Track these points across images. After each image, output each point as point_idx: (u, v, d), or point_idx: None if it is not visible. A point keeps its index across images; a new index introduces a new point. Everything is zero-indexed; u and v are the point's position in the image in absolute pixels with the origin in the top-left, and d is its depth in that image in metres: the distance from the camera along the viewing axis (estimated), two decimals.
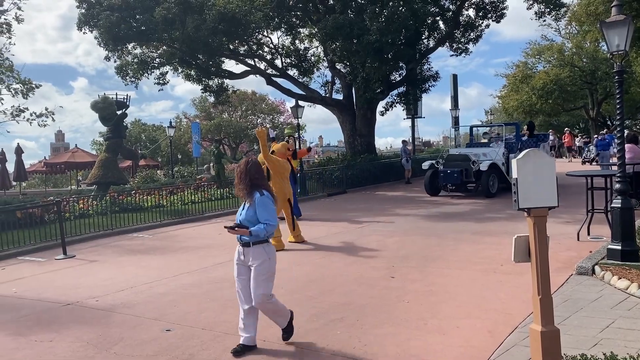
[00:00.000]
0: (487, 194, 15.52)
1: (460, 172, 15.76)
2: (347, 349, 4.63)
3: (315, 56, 26.29)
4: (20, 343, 5.27)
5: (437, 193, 16.86)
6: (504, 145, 16.55)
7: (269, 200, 4.62)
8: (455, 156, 16.72)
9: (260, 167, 4.81)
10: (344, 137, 25.62)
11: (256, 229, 4.48)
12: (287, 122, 50.52)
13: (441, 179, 16.32)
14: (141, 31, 19.47)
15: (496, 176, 15.86)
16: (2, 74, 16.64)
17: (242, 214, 4.67)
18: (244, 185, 4.65)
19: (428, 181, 16.77)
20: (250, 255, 4.59)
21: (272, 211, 4.61)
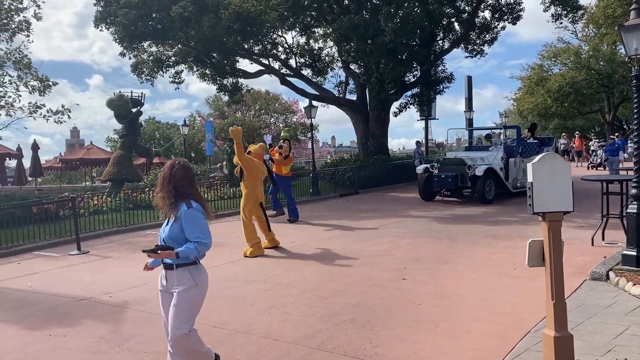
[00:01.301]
0: (482, 200, 14.78)
1: (455, 177, 15.10)
2: (357, 349, 4.63)
3: (329, 56, 26.30)
4: (35, 337, 5.34)
5: (432, 198, 16.20)
6: (503, 149, 15.90)
7: (198, 212, 3.70)
8: (450, 160, 16.07)
9: (189, 171, 3.86)
10: (357, 138, 25.60)
11: (184, 250, 3.62)
12: (301, 121, 50.61)
13: (435, 183, 15.66)
14: (157, 29, 19.61)
15: (493, 181, 15.15)
16: (21, 71, 16.85)
17: (165, 230, 3.77)
18: (167, 193, 3.72)
19: (422, 186, 16.11)
20: (174, 279, 3.75)
21: (203, 226, 3.71)
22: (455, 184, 15.14)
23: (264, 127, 49.90)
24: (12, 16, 16.86)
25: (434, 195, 16.20)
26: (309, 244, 9.89)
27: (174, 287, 3.76)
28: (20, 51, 17.00)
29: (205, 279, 3.87)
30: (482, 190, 14.81)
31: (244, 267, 8.14)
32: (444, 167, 15.71)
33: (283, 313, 5.71)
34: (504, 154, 15.76)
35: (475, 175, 14.83)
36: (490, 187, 15.09)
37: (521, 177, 16.07)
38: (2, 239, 10.61)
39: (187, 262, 3.73)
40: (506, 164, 15.76)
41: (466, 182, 15.11)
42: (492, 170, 15.11)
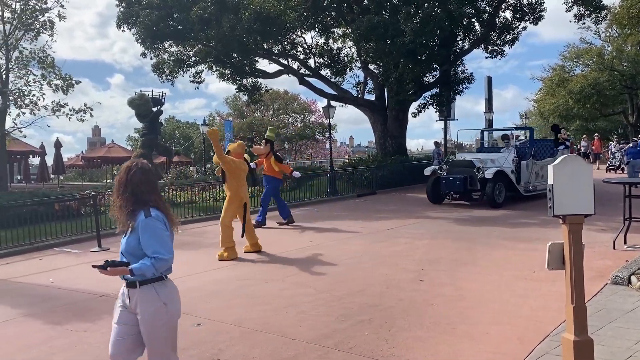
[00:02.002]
0: (492, 204, 14.28)
1: (463, 180, 14.58)
2: (374, 350, 4.63)
3: (348, 56, 26.28)
4: (57, 331, 5.44)
5: (440, 201, 15.69)
6: (514, 151, 15.39)
7: (157, 223, 3.16)
8: (458, 162, 15.57)
9: (149, 175, 3.33)
10: (375, 138, 25.54)
11: (139, 266, 3.08)
12: (319, 121, 50.63)
13: (443, 186, 15.17)
14: (178, 30, 19.81)
15: (503, 184, 14.66)
16: (44, 70, 17.14)
17: (123, 242, 3.26)
18: (124, 201, 3.21)
19: (430, 188, 15.64)
20: (137, 299, 3.17)
21: (163, 239, 3.15)
22: (464, 186, 14.68)
23: (282, 127, 50.06)
24: (36, 16, 17.16)
25: (442, 198, 15.78)
26: (326, 244, 9.91)
27: (138, 308, 3.17)
28: (44, 50, 17.29)
29: (175, 296, 3.28)
30: (492, 194, 14.32)
31: (261, 266, 8.19)
32: (452, 169, 15.26)
33: (300, 312, 5.73)
34: (515, 156, 15.34)
35: (485, 178, 14.34)
36: (501, 190, 14.62)
37: (534, 180, 15.67)
38: (25, 235, 10.82)
39: (152, 278, 3.15)
40: (518, 167, 15.33)
41: (475, 184, 14.65)
42: (502, 172, 14.63)
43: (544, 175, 16.09)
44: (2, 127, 16.73)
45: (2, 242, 10.50)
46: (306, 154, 58.40)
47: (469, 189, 14.84)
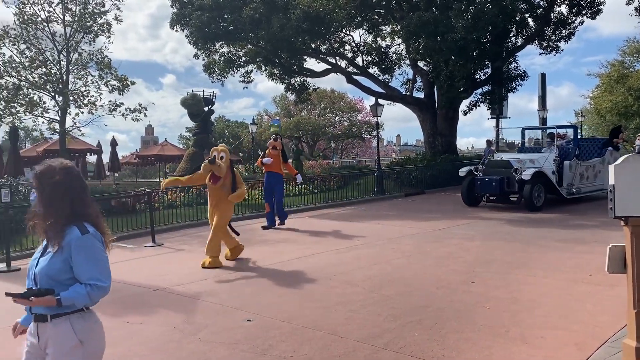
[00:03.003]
0: (530, 207, 13.55)
1: (499, 181, 13.81)
2: (425, 351, 4.58)
3: (396, 54, 26.10)
4: (114, 323, 5.63)
5: (475, 204, 14.94)
6: (556, 150, 14.55)
7: (97, 242, 2.58)
8: (495, 162, 14.82)
9: (85, 185, 2.72)
10: (424, 137, 25.24)
11: (71, 295, 2.46)
12: (365, 120, 50.44)
13: (478, 187, 14.44)
14: (229, 31, 20.19)
15: (542, 186, 13.86)
16: (102, 71, 17.82)
17: (40, 264, 2.56)
18: (59, 211, 2.54)
19: (465, 190, 14.91)
20: (48, 336, 2.53)
21: (103, 262, 2.59)
22: (500, 188, 13.90)
23: (328, 125, 50.18)
24: (95, 19, 17.86)
25: (477, 200, 15.05)
26: (375, 244, 9.87)
27: (48, 348, 2.53)
28: (101, 52, 17.98)
29: (96, 333, 2.64)
30: (530, 196, 13.53)
31: (311, 264, 8.23)
32: (488, 169, 14.56)
33: (349, 311, 5.73)
34: (557, 156, 14.50)
35: (522, 179, 13.60)
36: (540, 192, 13.82)
37: (578, 182, 14.83)
38: None
39: (67, 310, 2.49)
40: (560, 167, 14.48)
41: (512, 186, 13.86)
42: (541, 173, 13.85)
43: (590, 176, 15.37)
44: (63, 126, 17.50)
45: None
46: (352, 153, 58.32)
47: (506, 190, 14.08)
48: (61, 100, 17.14)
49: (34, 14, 17.19)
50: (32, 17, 17.14)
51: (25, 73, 16.91)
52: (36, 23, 17.19)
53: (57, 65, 17.38)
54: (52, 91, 17.14)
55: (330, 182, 18.77)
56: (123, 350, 4.80)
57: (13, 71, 16.70)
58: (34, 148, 32.01)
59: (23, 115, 17.09)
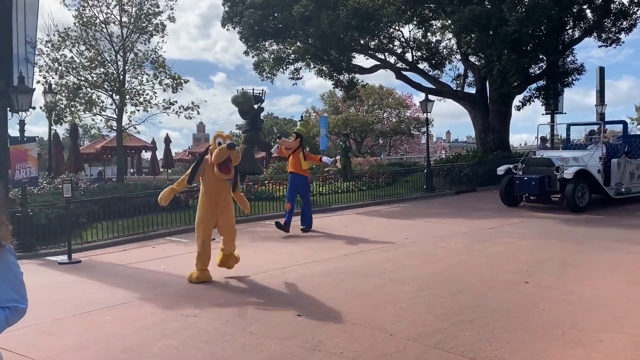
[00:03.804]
0: (572, 208, 12.85)
1: (539, 180, 13.16)
2: (476, 351, 4.51)
3: (447, 49, 25.64)
4: (168, 315, 5.81)
5: (515, 204, 14.30)
6: (602, 148, 13.74)
7: (12, 259, 2.29)
8: (536, 160, 14.24)
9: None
10: (475, 133, 24.73)
11: None
12: (414, 116, 49.85)
13: (517, 186, 13.80)
14: (278, 28, 20.38)
15: (587, 186, 13.16)
16: (156, 70, 18.35)
17: None
18: None
19: (504, 189, 14.27)
20: None
21: (20, 280, 2.32)
22: (540, 188, 13.25)
23: (376, 122, 49.88)
24: (150, 19, 18.40)
25: (517, 200, 14.42)
26: (424, 242, 9.76)
27: None
28: (156, 52, 18.52)
29: None
30: (572, 196, 12.85)
31: (359, 261, 8.23)
32: (528, 168, 13.98)
33: (399, 309, 5.70)
34: (604, 154, 13.69)
35: (564, 179, 12.96)
36: (583, 192, 13.14)
37: (627, 181, 14.03)
38: (139, 225, 11.67)
39: None
40: (607, 166, 13.69)
41: (553, 185, 13.22)
42: (585, 172, 13.15)
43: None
44: (120, 123, 18.14)
45: (120, 231, 11.41)
46: (400, 150, 57.77)
47: (547, 190, 13.42)
48: (118, 98, 17.76)
49: (92, 16, 17.88)
50: (91, 19, 17.82)
51: (85, 73, 17.60)
52: (95, 25, 17.86)
53: (115, 65, 18.02)
54: (109, 90, 17.78)
55: (378, 179, 18.67)
56: (179, 342, 4.94)
57: (73, 71, 17.41)
58: (93, 145, 33.34)
59: (82, 113, 17.80)
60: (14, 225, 9.55)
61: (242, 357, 4.52)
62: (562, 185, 13.15)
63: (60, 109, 17.51)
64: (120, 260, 9.21)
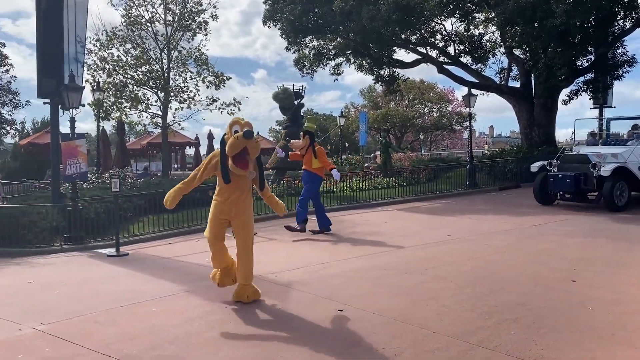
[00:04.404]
0: (610, 207, 12.32)
1: (574, 178, 12.67)
2: (521, 350, 4.43)
3: (490, 42, 25.13)
4: (213, 308, 5.94)
5: (549, 202, 13.73)
6: None
7: None
8: (571, 157, 13.70)
9: None
10: (520, 128, 24.16)
11: None
12: (456, 110, 49.07)
13: (551, 184, 13.32)
14: (319, 24, 20.43)
15: (626, 184, 12.51)
16: (199, 68, 18.69)
17: None
18: None
19: (538, 187, 13.75)
20: None
21: None
22: (576, 185, 12.75)
23: (417, 117, 49.34)
24: (193, 18, 18.75)
25: (551, 198, 13.86)
26: (467, 239, 9.63)
27: None
28: (199, 49, 18.86)
29: None
30: (610, 194, 12.27)
31: (399, 258, 8.19)
32: (563, 165, 13.41)
33: (441, 306, 5.65)
34: None
35: (601, 176, 12.39)
36: (622, 190, 12.49)
37: None
38: (183, 219, 11.95)
39: None
40: None
41: (590, 183, 12.66)
42: (624, 169, 12.55)
43: None
44: (164, 120, 18.57)
45: (165, 225, 11.71)
46: (442, 145, 57.00)
47: (583, 188, 12.88)
48: (163, 95, 18.19)
49: (139, 15, 18.34)
50: (137, 18, 18.29)
51: (131, 71, 18.09)
52: (141, 24, 18.33)
53: (159, 63, 18.46)
54: (154, 87, 18.22)
55: (419, 174, 18.50)
56: (223, 334, 5.05)
57: (120, 70, 17.92)
58: (139, 141, 34.28)
59: (129, 110, 18.31)
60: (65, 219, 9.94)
61: (284, 351, 4.58)
62: (599, 183, 12.60)
63: (108, 106, 18.08)
64: (165, 254, 9.46)
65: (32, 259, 9.71)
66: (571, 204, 13.76)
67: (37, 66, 12.08)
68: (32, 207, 11.47)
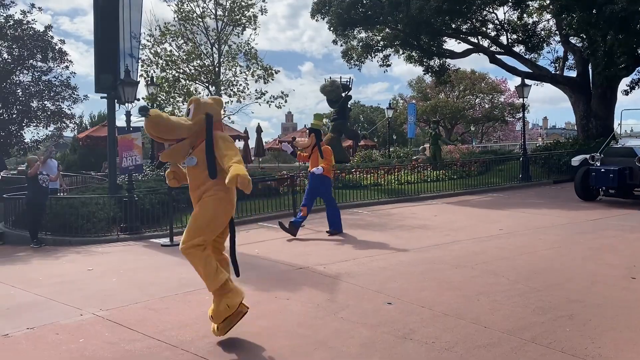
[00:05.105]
0: None
1: (618, 172, 11.95)
2: (577, 348, 4.29)
3: (545, 30, 24.27)
4: (262, 297, 6.04)
5: (592, 198, 13.11)
6: None
7: None
8: (616, 150, 13.00)
9: None
10: (576, 119, 23.30)
11: None
12: (509, 101, 47.74)
13: (593, 179, 12.68)
14: (367, 15, 20.29)
15: None
16: (249, 62, 18.95)
17: None
18: None
19: (579, 182, 13.12)
20: None
21: None
22: (620, 180, 12.01)
23: (468, 108, 48.31)
24: (243, 12, 18.99)
25: (593, 194, 13.19)
26: (520, 232, 9.39)
27: None
28: (248, 43, 19.12)
29: None
30: None
31: (450, 252, 8.08)
32: (607, 158, 12.78)
33: (492, 301, 5.54)
34: None
35: None
36: None
37: None
38: (235, 211, 12.16)
39: None
40: None
41: (635, 178, 11.99)
42: None
43: None
44: None
45: None
46: (493, 137, 55.63)
47: (628, 183, 12.14)
48: (214, 89, 18.55)
49: (190, 10, 18.74)
50: (189, 13, 18.69)
51: (183, 66, 18.53)
52: (192, 19, 18.72)
53: (210, 57, 18.82)
54: (205, 82, 18.61)
55: (470, 167, 18.15)
56: (273, 323, 5.13)
57: (173, 65, 18.38)
58: None
59: (181, 104, 18.77)
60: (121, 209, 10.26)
61: (334, 341, 4.61)
62: None
63: (161, 100, 18.59)
64: None
65: (91, 248, 10.14)
66: (620, 200, 13.07)
67: (95, 62, 12.53)
68: (90, 198, 11.95)
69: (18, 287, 7.04)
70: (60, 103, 26.28)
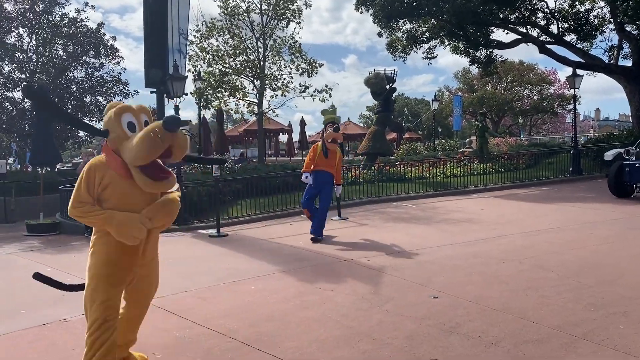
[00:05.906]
0: None
1: None
2: (631, 346, 4.16)
3: (598, 18, 23.35)
4: (307, 288, 6.11)
5: (626, 194, 12.38)
6: None
7: None
8: None
9: None
10: (631, 110, 22.37)
11: None
12: (559, 92, 46.23)
13: (627, 175, 12.12)
14: (412, 7, 20.03)
15: None
16: (293, 55, 19.05)
17: None
18: None
19: (613, 178, 12.51)
20: None
21: None
22: None
23: (516, 100, 47.07)
24: (287, 6, 19.10)
25: (628, 190, 12.51)
26: (570, 227, 9.14)
27: None
28: (293, 37, 19.22)
29: None
30: None
31: (497, 245, 7.94)
32: None
33: (541, 296, 5.43)
34: None
35: None
36: None
37: None
38: (279, 203, 12.31)
39: None
40: None
41: None
42: None
43: None
44: (260, 107, 19.16)
45: (261, 208, 12.15)
46: (542, 129, 54.05)
47: None
48: (259, 84, 18.76)
49: (236, 5, 18.98)
50: (235, 9, 18.94)
51: (229, 61, 18.81)
52: (238, 14, 18.96)
53: (255, 52, 19.03)
54: (251, 76, 18.83)
55: (518, 160, 17.72)
56: (318, 314, 5.18)
57: (220, 59, 18.69)
58: (236, 128, 35.60)
59: (227, 98, 19.09)
60: None
61: (378, 333, 4.62)
62: None
63: (208, 94, 18.94)
64: (262, 235, 9.82)
65: None
66: None
67: (145, 58, 12.85)
68: None
69: (74, 274, 7.35)
70: (112, 98, 27.15)
